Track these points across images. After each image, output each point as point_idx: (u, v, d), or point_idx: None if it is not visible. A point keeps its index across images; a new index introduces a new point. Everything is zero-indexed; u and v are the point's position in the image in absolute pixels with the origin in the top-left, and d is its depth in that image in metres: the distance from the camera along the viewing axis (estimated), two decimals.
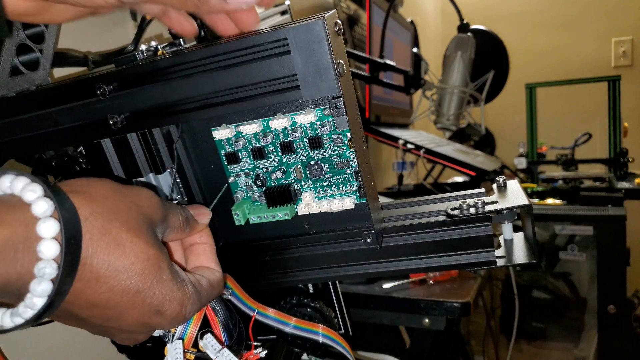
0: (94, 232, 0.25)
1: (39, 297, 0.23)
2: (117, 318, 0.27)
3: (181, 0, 0.28)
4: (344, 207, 0.33)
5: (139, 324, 0.28)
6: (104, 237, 0.25)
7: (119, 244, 0.26)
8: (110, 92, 0.32)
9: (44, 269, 0.22)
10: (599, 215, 1.25)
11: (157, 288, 0.27)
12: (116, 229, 0.26)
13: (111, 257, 0.25)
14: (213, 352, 0.32)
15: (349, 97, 0.30)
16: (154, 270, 0.27)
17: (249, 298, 0.36)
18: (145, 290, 0.26)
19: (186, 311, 0.29)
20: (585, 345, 1.43)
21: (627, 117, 1.71)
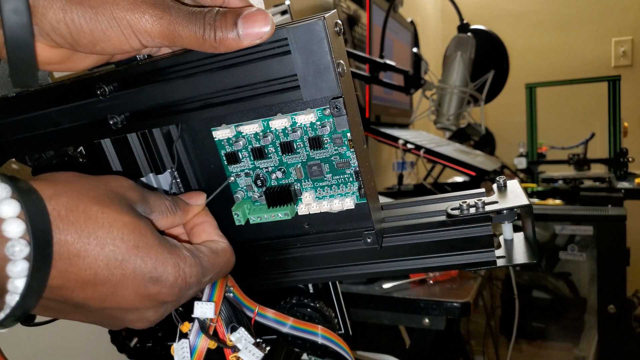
0: (60, 210, 0.24)
1: (18, 277, 0.23)
2: (114, 294, 0.26)
3: (199, 43, 0.28)
4: (344, 207, 0.33)
5: (140, 297, 0.27)
6: (72, 213, 0.25)
7: (89, 216, 0.25)
8: (111, 92, 0.32)
9: (13, 247, 0.22)
10: (599, 215, 1.25)
11: (143, 253, 0.26)
12: (84, 203, 0.25)
13: (84, 230, 0.25)
14: (244, 345, 0.32)
15: (349, 97, 0.30)
16: (134, 235, 0.26)
17: (247, 299, 0.36)
18: (130, 258, 0.26)
19: (185, 274, 0.28)
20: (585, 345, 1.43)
21: (627, 117, 1.71)
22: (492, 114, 2.22)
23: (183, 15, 0.28)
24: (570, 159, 1.62)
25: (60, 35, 0.28)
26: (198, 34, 0.28)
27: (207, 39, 0.28)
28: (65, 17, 0.27)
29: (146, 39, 0.28)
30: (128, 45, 0.29)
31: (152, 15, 0.28)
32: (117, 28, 0.28)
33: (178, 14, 0.28)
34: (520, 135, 1.77)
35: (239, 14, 0.28)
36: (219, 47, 0.28)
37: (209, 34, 0.28)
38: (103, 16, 0.27)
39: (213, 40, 0.28)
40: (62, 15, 0.27)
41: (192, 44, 0.29)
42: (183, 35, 0.28)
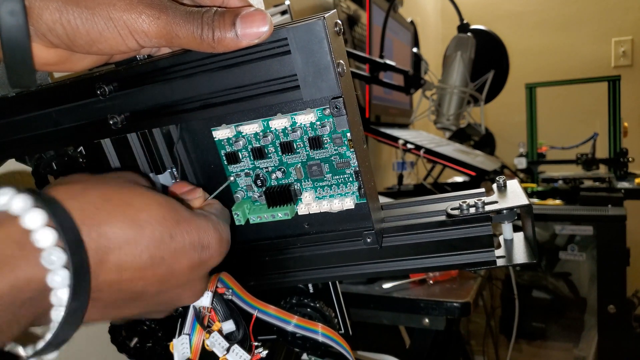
0: (95, 202, 0.24)
1: (62, 287, 0.22)
2: (172, 273, 0.27)
3: (197, 43, 0.28)
4: (344, 207, 0.33)
5: (193, 268, 0.28)
6: (108, 203, 0.25)
7: (126, 202, 0.25)
8: (110, 92, 0.32)
9: (50, 256, 0.22)
10: (599, 215, 1.25)
11: (186, 226, 0.27)
12: (116, 192, 0.26)
13: (126, 217, 0.25)
14: (220, 350, 0.32)
15: (349, 97, 0.30)
16: (172, 213, 0.27)
17: (249, 296, 0.36)
18: (177, 233, 0.26)
19: (224, 234, 0.29)
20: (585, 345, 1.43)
21: (627, 117, 1.71)
22: (492, 114, 2.22)
23: (180, 15, 0.28)
24: (578, 159, 1.62)
25: (56, 36, 0.28)
26: (196, 34, 0.28)
27: (205, 39, 0.28)
28: (62, 17, 0.27)
29: (143, 39, 0.28)
30: (125, 46, 0.29)
31: (149, 16, 0.28)
32: (113, 29, 0.28)
33: (175, 14, 0.28)
34: (520, 135, 1.77)
35: (237, 13, 0.28)
36: (217, 47, 0.28)
37: (207, 34, 0.28)
38: (100, 17, 0.27)
39: (211, 40, 0.28)
40: (58, 16, 0.27)
41: (190, 44, 0.29)
42: (181, 35, 0.28)
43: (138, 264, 0.25)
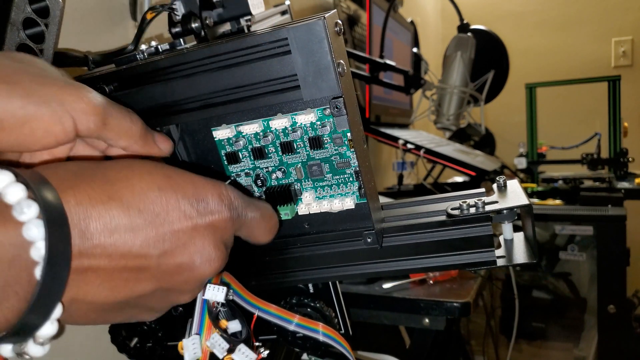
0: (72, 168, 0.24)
1: (40, 240, 0.20)
2: (170, 231, 0.25)
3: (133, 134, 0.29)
4: (344, 207, 0.33)
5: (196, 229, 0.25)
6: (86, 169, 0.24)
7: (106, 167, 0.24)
8: (111, 92, 0.32)
9: (21, 208, 0.20)
10: (599, 215, 1.25)
11: (178, 179, 0.26)
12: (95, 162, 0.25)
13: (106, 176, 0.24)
14: (221, 351, 0.32)
15: (349, 97, 0.30)
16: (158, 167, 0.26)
17: (251, 295, 0.36)
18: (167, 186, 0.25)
19: (226, 191, 0.27)
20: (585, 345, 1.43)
21: (627, 117, 1.71)
22: (492, 114, 2.22)
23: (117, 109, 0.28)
24: (584, 159, 1.62)
25: None
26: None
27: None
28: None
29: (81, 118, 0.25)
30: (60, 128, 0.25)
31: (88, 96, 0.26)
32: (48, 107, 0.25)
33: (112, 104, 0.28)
34: (520, 135, 1.77)
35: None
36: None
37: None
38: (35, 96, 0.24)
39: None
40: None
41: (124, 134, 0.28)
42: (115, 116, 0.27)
43: (127, 220, 0.23)
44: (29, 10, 0.37)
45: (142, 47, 0.35)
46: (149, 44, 0.36)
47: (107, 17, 0.61)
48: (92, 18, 0.59)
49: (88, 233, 0.22)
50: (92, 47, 0.56)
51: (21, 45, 0.37)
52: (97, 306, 0.24)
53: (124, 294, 0.25)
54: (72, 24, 0.55)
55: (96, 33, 0.59)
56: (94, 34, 0.59)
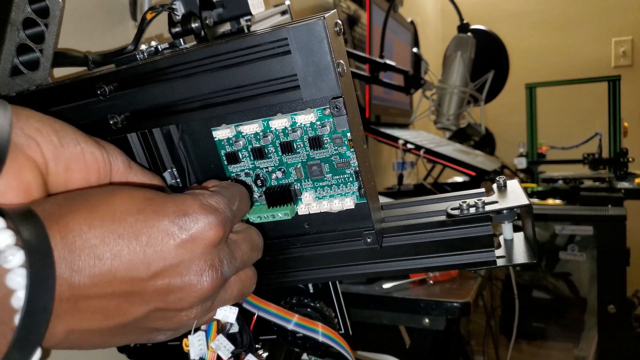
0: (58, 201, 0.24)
1: (22, 288, 0.21)
2: (156, 252, 0.24)
3: None
4: (344, 207, 0.33)
5: (181, 244, 0.25)
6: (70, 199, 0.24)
7: (90, 194, 0.25)
8: (111, 92, 0.32)
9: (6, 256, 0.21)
10: (599, 215, 1.25)
11: (158, 200, 0.25)
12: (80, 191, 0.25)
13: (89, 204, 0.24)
14: (226, 353, 0.32)
15: (349, 97, 0.30)
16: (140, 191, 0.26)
17: (251, 295, 0.36)
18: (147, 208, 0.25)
19: (209, 203, 0.27)
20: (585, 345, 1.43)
21: (627, 117, 1.71)
22: (492, 114, 2.22)
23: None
24: (585, 159, 1.61)
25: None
26: None
27: None
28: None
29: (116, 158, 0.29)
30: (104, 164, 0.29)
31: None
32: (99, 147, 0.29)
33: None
34: (520, 135, 1.77)
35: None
36: None
37: None
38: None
39: None
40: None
41: None
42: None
43: (110, 246, 0.23)
44: (29, 10, 0.37)
45: (142, 47, 0.35)
46: (149, 44, 0.36)
47: (107, 17, 0.61)
48: (92, 18, 0.59)
49: (74, 265, 0.23)
50: (92, 47, 0.56)
51: (21, 45, 0.37)
52: (96, 332, 0.25)
53: (119, 320, 0.25)
54: (72, 24, 0.55)
55: (96, 33, 0.59)
56: (94, 34, 0.59)
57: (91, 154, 0.28)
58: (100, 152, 0.28)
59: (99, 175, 0.28)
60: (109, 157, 0.29)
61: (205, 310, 0.28)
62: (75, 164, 0.27)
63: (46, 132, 0.26)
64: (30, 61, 0.38)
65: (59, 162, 0.27)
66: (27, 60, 0.38)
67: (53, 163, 0.26)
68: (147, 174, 0.31)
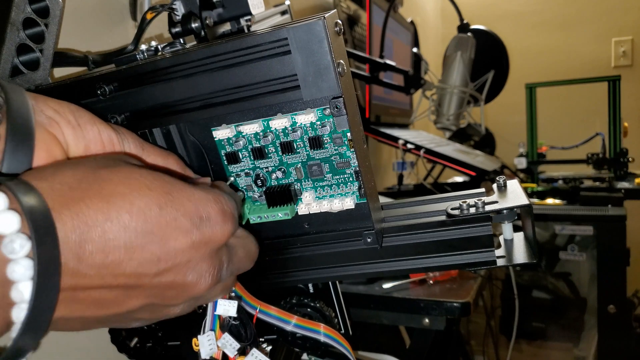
0: (69, 181, 0.23)
1: (23, 280, 0.20)
2: (166, 248, 0.24)
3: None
4: (344, 207, 0.33)
5: (193, 244, 0.25)
6: (83, 181, 0.23)
7: (102, 178, 0.23)
8: (111, 92, 0.32)
9: (12, 244, 0.20)
10: (599, 215, 1.25)
11: (179, 195, 0.25)
12: (90, 169, 0.24)
13: (104, 193, 0.23)
14: (232, 351, 0.32)
15: (349, 97, 0.30)
16: (160, 182, 0.25)
17: (250, 296, 0.36)
18: (167, 203, 0.24)
19: (227, 207, 0.26)
20: (585, 345, 1.43)
21: (627, 117, 1.71)
22: (492, 114, 2.22)
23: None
24: (589, 159, 1.61)
25: None
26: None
27: None
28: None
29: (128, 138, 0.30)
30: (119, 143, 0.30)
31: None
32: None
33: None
34: (520, 135, 1.77)
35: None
36: None
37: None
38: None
39: None
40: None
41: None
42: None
43: (124, 241, 0.23)
44: (29, 10, 0.37)
45: (142, 47, 0.35)
46: (149, 44, 0.36)
47: (107, 17, 0.61)
48: (92, 18, 0.59)
49: (83, 255, 0.22)
50: (92, 47, 0.56)
51: (21, 45, 0.37)
52: (85, 320, 0.24)
53: (113, 311, 0.25)
54: (72, 24, 0.55)
55: (96, 33, 0.59)
56: (94, 34, 0.59)
57: (107, 135, 0.29)
58: (115, 133, 0.29)
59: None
60: (122, 138, 0.29)
61: (189, 307, 0.28)
62: (93, 145, 0.28)
63: (63, 112, 0.27)
64: (30, 61, 0.38)
65: (79, 142, 0.27)
66: (27, 60, 0.38)
67: (73, 143, 0.27)
68: (161, 154, 0.32)
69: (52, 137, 0.26)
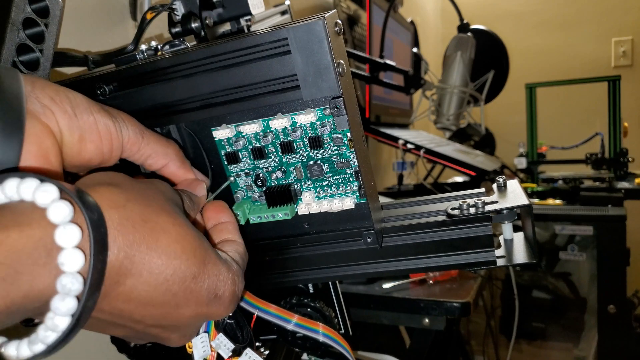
0: (135, 219, 0.23)
1: (63, 316, 0.20)
2: (176, 313, 0.25)
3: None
4: (344, 207, 0.33)
5: (197, 316, 0.26)
6: (147, 223, 0.23)
7: (163, 228, 0.24)
8: (111, 92, 0.32)
9: (68, 286, 0.20)
10: (599, 215, 1.25)
11: (211, 270, 0.25)
12: (156, 214, 0.24)
13: (160, 244, 0.23)
14: (226, 352, 0.32)
15: (349, 97, 0.30)
16: (203, 251, 0.25)
17: (250, 295, 0.36)
18: (200, 274, 0.25)
19: (238, 290, 0.28)
20: (585, 345, 1.43)
21: (627, 117, 1.71)
22: (492, 114, 2.22)
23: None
24: (588, 159, 1.61)
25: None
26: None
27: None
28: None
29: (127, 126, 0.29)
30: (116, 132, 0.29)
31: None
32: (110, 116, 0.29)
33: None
34: (520, 135, 1.77)
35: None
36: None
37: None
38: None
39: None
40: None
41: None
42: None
43: (150, 296, 0.23)
44: (29, 10, 0.37)
45: (142, 47, 0.35)
46: (149, 44, 0.36)
47: (107, 17, 0.61)
48: (92, 18, 0.59)
49: (110, 295, 0.22)
50: (92, 47, 0.56)
51: (21, 45, 0.37)
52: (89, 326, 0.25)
53: (96, 330, 0.26)
54: (72, 24, 0.55)
55: (96, 33, 0.59)
56: (94, 34, 0.59)
57: (104, 125, 0.28)
58: (113, 122, 0.29)
59: (111, 145, 0.29)
60: (120, 126, 0.29)
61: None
62: (88, 134, 0.27)
63: (60, 101, 0.26)
64: (30, 61, 0.38)
65: (74, 132, 0.27)
66: (27, 60, 0.38)
67: (68, 132, 0.26)
68: (162, 142, 0.32)
69: (44, 127, 0.25)
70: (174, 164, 0.32)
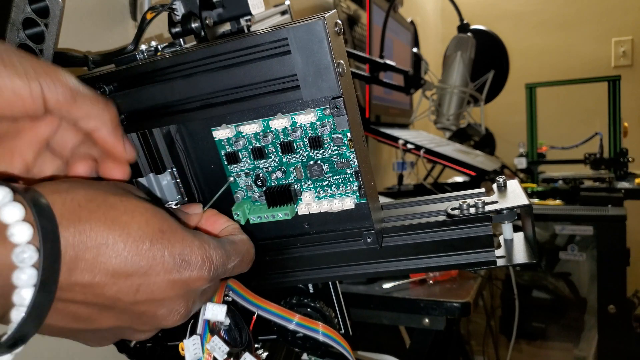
0: (80, 200, 0.24)
1: (26, 287, 0.21)
2: (147, 283, 0.25)
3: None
4: (344, 207, 0.33)
5: (171, 284, 0.26)
6: (92, 202, 0.24)
7: (110, 204, 0.25)
8: (111, 92, 0.33)
9: (22, 254, 0.21)
10: (599, 215, 1.25)
11: (170, 236, 0.26)
12: (102, 193, 0.25)
13: (108, 217, 0.24)
14: (221, 354, 0.32)
15: (349, 97, 0.30)
16: (157, 219, 0.26)
17: (251, 294, 0.36)
18: (158, 241, 0.26)
19: (211, 256, 0.28)
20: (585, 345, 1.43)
21: (627, 117, 1.71)
22: (492, 114, 2.22)
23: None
24: (587, 159, 1.61)
25: None
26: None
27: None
28: None
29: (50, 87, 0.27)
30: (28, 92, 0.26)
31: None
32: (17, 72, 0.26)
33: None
34: (520, 135, 1.77)
35: None
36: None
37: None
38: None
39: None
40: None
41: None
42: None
43: (113, 267, 0.24)
44: (29, 10, 0.37)
45: (142, 47, 0.35)
46: (149, 44, 0.36)
47: (107, 17, 0.61)
48: (92, 18, 0.59)
49: (74, 271, 0.23)
50: (92, 47, 0.56)
51: (21, 45, 0.37)
52: (52, 329, 0.26)
53: (83, 325, 0.26)
54: (72, 24, 0.55)
55: (96, 33, 0.59)
56: (94, 34, 0.59)
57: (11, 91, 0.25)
58: (27, 86, 0.26)
59: (25, 109, 0.26)
60: (41, 90, 0.26)
61: (155, 332, 0.30)
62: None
63: None
64: None
65: None
66: None
67: None
68: (98, 106, 0.29)
69: None
70: (106, 128, 0.30)
